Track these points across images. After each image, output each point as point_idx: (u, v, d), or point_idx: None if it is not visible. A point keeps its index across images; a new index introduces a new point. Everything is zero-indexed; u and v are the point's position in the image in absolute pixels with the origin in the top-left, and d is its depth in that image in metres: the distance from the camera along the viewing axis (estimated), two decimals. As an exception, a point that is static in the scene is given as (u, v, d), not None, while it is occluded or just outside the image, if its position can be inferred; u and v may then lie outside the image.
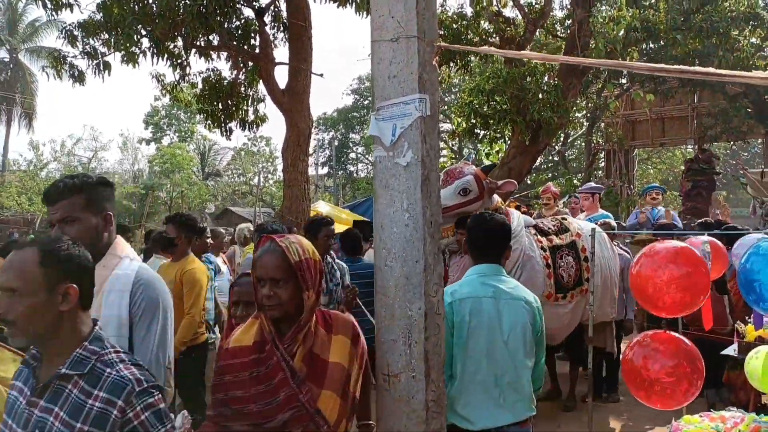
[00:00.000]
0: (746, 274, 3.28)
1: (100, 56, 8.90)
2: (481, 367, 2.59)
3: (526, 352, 2.67)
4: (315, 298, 2.15)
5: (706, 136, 18.97)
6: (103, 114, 70.46)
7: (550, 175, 28.56)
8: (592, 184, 7.78)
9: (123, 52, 8.70)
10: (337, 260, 4.86)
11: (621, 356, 3.58)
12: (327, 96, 72.37)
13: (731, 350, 4.24)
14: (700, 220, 6.54)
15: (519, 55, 2.16)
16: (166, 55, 9.31)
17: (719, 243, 4.22)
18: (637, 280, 3.49)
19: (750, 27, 12.53)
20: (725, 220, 8.36)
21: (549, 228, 5.35)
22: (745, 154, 34.27)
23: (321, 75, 10.11)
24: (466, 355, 2.58)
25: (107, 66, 8.97)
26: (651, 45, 15.90)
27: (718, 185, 19.89)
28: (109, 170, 40.28)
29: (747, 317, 4.58)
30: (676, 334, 3.48)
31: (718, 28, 11.87)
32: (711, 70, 1.42)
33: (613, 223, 6.77)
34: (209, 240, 6.13)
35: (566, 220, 5.65)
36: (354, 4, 8.98)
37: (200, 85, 10.54)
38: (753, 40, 12.72)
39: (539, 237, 5.17)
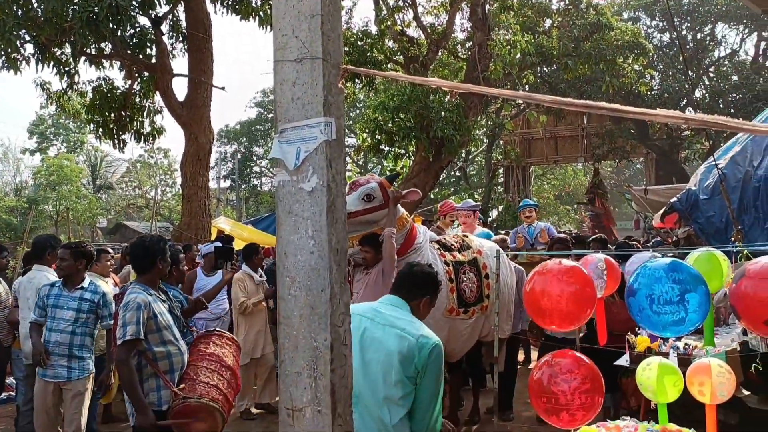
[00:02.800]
0: (631, 293, 3.47)
1: (-24, 60, 8.21)
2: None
3: (387, 383, 2.56)
4: None
5: (595, 155, 20.27)
6: (-21, 121, 64.92)
7: (452, 189, 29.33)
8: (471, 201, 7.96)
9: (3, 58, 8.08)
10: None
11: (529, 376, 3.64)
12: (229, 108, 70.86)
13: (623, 360, 4.45)
14: (594, 236, 6.86)
15: (426, 81, 2.12)
16: (52, 62, 8.71)
17: (612, 260, 4.42)
18: (531, 296, 3.60)
19: (633, 55, 13.49)
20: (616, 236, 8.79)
21: (452, 244, 5.41)
22: (629, 171, 36.84)
23: (222, 88, 9.79)
24: None
25: (-16, 71, 8.28)
26: (545, 68, 16.77)
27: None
28: (-13, 182, 37.19)
29: (637, 328, 4.83)
30: (580, 355, 3.58)
31: (605, 55, 12.70)
32: (617, 106, 1.44)
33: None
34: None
35: (468, 237, 5.72)
36: (257, 18, 8.79)
37: (90, 95, 9.93)
38: (636, 66, 13.70)
39: (443, 251, 5.22)
